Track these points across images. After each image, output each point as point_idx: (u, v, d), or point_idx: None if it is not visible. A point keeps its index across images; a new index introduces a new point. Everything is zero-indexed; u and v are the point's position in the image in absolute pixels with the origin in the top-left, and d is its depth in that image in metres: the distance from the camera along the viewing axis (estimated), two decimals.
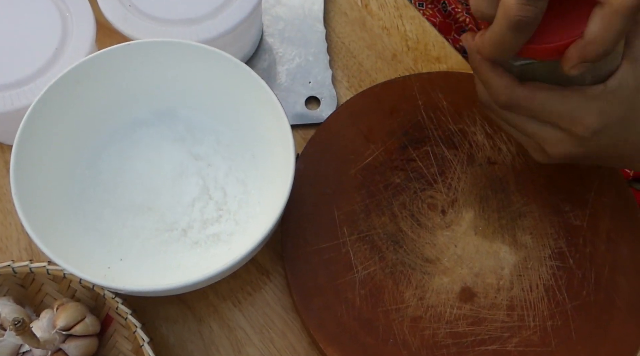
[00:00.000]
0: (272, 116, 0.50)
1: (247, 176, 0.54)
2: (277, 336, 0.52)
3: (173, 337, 0.52)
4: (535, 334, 0.49)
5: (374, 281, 0.51)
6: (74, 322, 0.47)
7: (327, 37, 0.64)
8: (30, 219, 0.45)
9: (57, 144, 0.51)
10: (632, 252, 0.51)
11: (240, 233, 0.52)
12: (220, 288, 0.53)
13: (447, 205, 0.54)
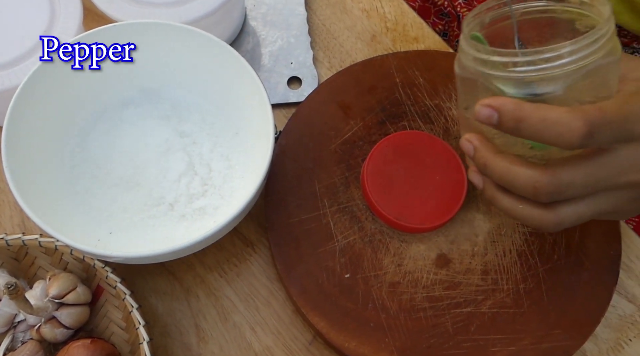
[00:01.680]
0: (254, 94, 0.52)
1: (231, 152, 0.56)
2: (262, 304, 0.54)
3: (162, 306, 0.54)
4: (509, 296, 0.51)
5: (354, 250, 0.53)
6: (66, 291, 0.49)
7: (309, 19, 0.66)
8: (23, 194, 0.46)
9: (47, 123, 0.53)
10: None
11: (225, 206, 0.54)
12: (206, 260, 0.55)
13: None
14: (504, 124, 0.36)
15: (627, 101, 0.36)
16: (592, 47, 0.35)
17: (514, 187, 0.38)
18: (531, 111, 0.35)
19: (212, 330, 0.53)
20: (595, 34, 0.35)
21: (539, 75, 0.36)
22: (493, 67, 0.37)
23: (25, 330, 0.50)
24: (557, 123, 0.34)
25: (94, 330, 0.52)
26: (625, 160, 0.36)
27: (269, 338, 0.53)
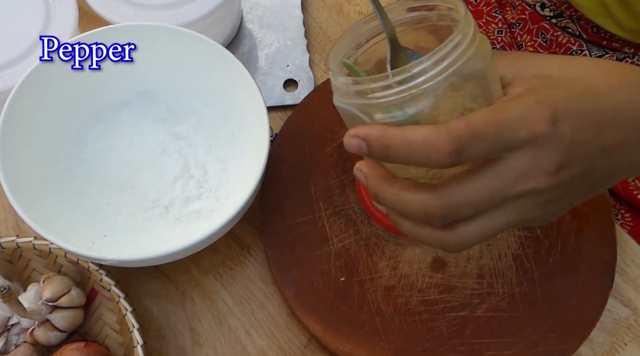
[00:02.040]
0: (249, 97, 0.52)
1: (227, 155, 0.56)
2: (257, 307, 0.54)
3: (156, 309, 0.53)
4: (504, 300, 0.51)
5: (349, 253, 0.53)
6: (60, 294, 0.49)
7: (305, 22, 0.66)
8: (17, 197, 0.46)
9: (42, 124, 0.53)
10: (596, 220, 0.54)
11: (220, 209, 0.54)
12: (202, 263, 0.55)
13: None
14: (373, 153, 0.34)
15: (503, 108, 0.33)
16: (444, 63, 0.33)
17: (407, 214, 0.36)
18: (396, 136, 0.33)
19: (207, 333, 0.53)
20: (442, 51, 0.33)
21: (399, 98, 0.33)
22: (354, 96, 0.35)
23: (19, 333, 0.50)
24: (423, 144, 0.32)
25: (88, 333, 0.52)
26: (515, 168, 0.33)
27: (264, 341, 0.53)
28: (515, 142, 0.33)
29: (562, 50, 0.65)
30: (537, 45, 0.67)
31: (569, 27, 0.65)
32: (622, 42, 0.62)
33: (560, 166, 0.34)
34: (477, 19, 0.73)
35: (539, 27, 0.67)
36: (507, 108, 0.33)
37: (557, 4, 0.65)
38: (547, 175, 0.34)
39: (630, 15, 0.56)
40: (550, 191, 0.34)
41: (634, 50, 0.62)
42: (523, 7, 0.69)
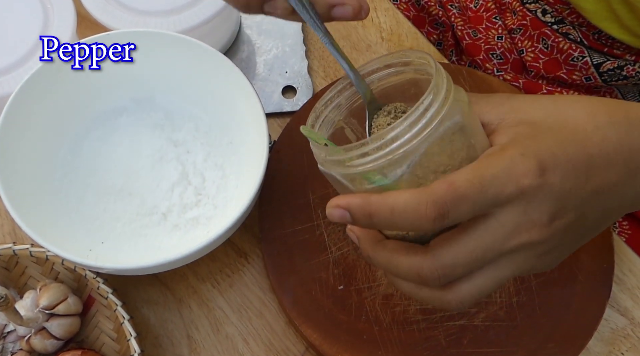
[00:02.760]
0: (248, 103, 0.52)
1: (225, 161, 0.56)
2: (255, 315, 0.54)
3: (154, 317, 0.53)
4: (502, 309, 0.51)
5: (347, 261, 0.53)
6: (56, 302, 0.48)
7: (304, 28, 0.66)
8: (14, 203, 0.46)
9: (39, 131, 0.53)
10: None
11: (218, 216, 0.54)
12: (199, 270, 0.55)
13: None
14: (357, 222, 0.33)
15: (487, 164, 0.32)
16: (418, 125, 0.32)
17: (401, 277, 0.35)
18: (378, 204, 0.32)
19: (204, 341, 0.53)
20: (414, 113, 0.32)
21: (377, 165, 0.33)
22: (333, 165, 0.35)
23: (15, 340, 0.50)
24: (406, 211, 0.31)
25: (84, 341, 0.51)
26: (506, 223, 0.33)
27: (261, 349, 0.52)
28: (503, 198, 0.32)
29: (563, 56, 0.65)
30: (537, 51, 0.67)
31: (570, 34, 0.65)
32: (624, 48, 0.62)
33: (553, 216, 0.33)
34: (477, 25, 0.73)
35: (540, 33, 0.67)
36: (491, 164, 0.32)
37: (559, 10, 0.65)
38: (541, 227, 0.33)
39: (637, 20, 0.56)
40: (545, 242, 0.34)
41: (635, 57, 0.62)
42: (524, 13, 0.69)
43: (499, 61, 0.70)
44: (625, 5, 0.56)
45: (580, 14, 0.62)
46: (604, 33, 0.62)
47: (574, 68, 0.65)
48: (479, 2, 0.74)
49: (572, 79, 0.66)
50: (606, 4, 0.58)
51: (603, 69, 0.63)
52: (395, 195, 0.32)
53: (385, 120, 0.39)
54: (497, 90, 0.60)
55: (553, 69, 0.66)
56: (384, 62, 0.39)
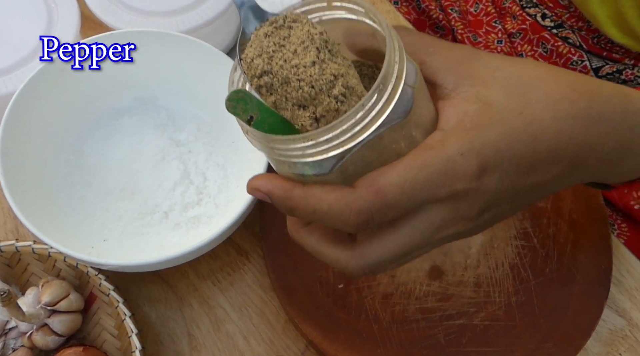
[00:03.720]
0: None
1: (227, 161, 0.56)
2: (255, 314, 0.54)
3: (155, 315, 0.54)
4: (500, 309, 0.52)
5: None
6: (58, 298, 0.49)
7: None
8: (17, 201, 0.47)
9: (43, 129, 0.53)
10: (593, 231, 0.54)
11: (220, 215, 0.54)
12: (200, 269, 0.55)
13: None
14: (279, 208, 0.32)
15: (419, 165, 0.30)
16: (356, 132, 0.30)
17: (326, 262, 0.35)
18: (300, 200, 0.31)
19: (205, 339, 0.53)
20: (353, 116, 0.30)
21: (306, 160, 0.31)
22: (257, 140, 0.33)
23: (17, 337, 0.50)
24: (328, 214, 0.30)
25: (86, 338, 0.52)
26: (435, 221, 0.32)
27: (262, 347, 0.53)
28: (433, 199, 0.31)
29: (562, 60, 0.66)
30: (537, 55, 0.68)
31: (569, 38, 0.65)
32: (623, 53, 0.62)
33: (483, 211, 0.33)
34: (477, 29, 0.74)
35: (539, 37, 0.67)
36: (426, 164, 0.30)
37: (558, 15, 0.66)
38: (469, 220, 0.32)
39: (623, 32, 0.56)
40: (471, 230, 0.34)
41: (633, 61, 0.62)
42: (524, 18, 0.69)
43: None
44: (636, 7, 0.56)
45: (580, 18, 0.63)
46: (604, 37, 0.62)
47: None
48: (479, 6, 0.75)
49: None
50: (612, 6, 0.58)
51: (602, 73, 0.64)
52: (318, 196, 0.31)
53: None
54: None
55: None
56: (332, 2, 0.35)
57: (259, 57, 0.33)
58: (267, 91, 0.33)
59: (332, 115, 0.32)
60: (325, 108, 0.32)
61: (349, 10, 0.34)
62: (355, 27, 0.35)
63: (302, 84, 0.32)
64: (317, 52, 0.32)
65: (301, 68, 0.32)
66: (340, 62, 0.33)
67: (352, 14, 0.34)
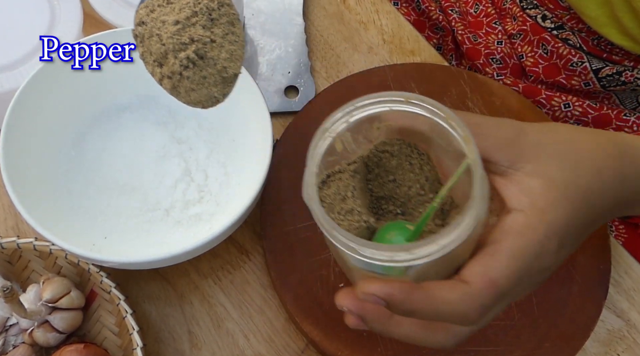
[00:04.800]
0: (252, 102, 0.53)
1: (228, 159, 0.56)
2: (256, 312, 0.54)
3: (155, 312, 0.54)
4: None
5: None
6: (59, 295, 0.49)
7: (306, 29, 0.67)
8: (20, 197, 0.47)
9: (44, 126, 0.53)
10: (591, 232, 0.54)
11: (221, 213, 0.54)
12: (201, 267, 0.55)
13: None
14: (394, 311, 0.33)
15: (519, 255, 0.34)
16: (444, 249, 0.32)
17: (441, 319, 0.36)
18: (422, 302, 0.33)
19: (205, 337, 0.53)
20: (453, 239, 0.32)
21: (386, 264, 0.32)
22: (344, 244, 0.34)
23: (17, 333, 0.50)
24: (452, 314, 0.33)
25: (86, 335, 0.52)
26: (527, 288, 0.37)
27: (262, 345, 0.53)
28: (526, 282, 0.35)
29: (562, 61, 0.66)
30: (537, 56, 0.68)
31: (569, 39, 0.66)
32: (622, 54, 0.63)
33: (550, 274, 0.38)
34: (477, 30, 0.74)
35: (539, 38, 0.68)
36: (524, 252, 0.34)
37: (559, 16, 0.66)
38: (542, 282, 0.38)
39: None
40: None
41: (633, 63, 0.63)
42: (524, 19, 0.69)
43: (499, 66, 0.71)
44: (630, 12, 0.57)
45: (580, 19, 0.63)
46: (604, 39, 0.62)
47: (573, 73, 0.66)
48: (479, 7, 0.75)
49: (571, 84, 0.66)
50: (609, 9, 0.59)
51: (602, 75, 0.64)
52: (440, 297, 0.33)
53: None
54: (497, 93, 0.61)
55: (552, 74, 0.67)
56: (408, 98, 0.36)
57: (145, 8, 0.34)
58: (140, 42, 0.34)
59: (176, 78, 0.32)
60: (170, 68, 0.32)
61: (428, 111, 0.36)
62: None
63: (157, 39, 0.32)
64: (191, 15, 0.32)
65: (166, 25, 0.32)
66: (217, 33, 0.33)
67: (431, 115, 0.36)
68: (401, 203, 0.40)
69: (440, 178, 0.39)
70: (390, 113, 0.37)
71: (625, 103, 0.67)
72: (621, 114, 0.64)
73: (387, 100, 0.36)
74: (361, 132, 0.38)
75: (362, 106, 0.37)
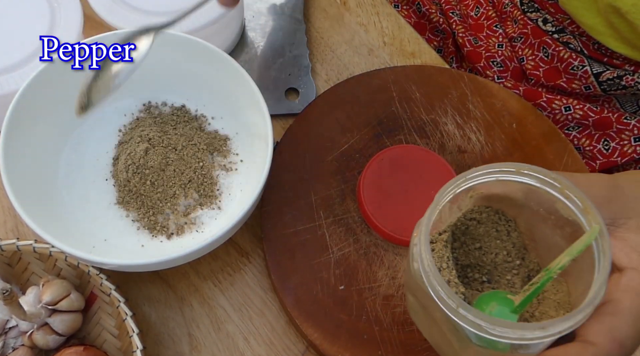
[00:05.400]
0: (253, 105, 0.53)
1: (229, 162, 0.56)
2: (256, 314, 0.54)
3: (155, 315, 0.53)
4: None
5: (348, 262, 0.53)
6: (59, 297, 0.49)
7: (307, 32, 0.67)
8: (20, 200, 0.46)
9: (44, 128, 0.53)
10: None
11: (222, 216, 0.54)
12: (201, 269, 0.55)
13: None
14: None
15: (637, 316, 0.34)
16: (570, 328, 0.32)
17: None
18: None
19: (205, 339, 0.53)
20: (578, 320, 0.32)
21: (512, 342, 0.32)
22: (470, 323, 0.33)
23: (17, 336, 0.50)
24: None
25: (86, 338, 0.52)
26: None
27: (262, 348, 0.53)
28: None
29: (563, 65, 0.66)
30: (538, 59, 0.68)
31: (570, 43, 0.66)
32: (623, 59, 0.63)
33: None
34: (478, 32, 0.74)
35: (540, 41, 0.68)
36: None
37: (560, 20, 0.66)
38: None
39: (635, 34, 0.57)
40: None
41: (634, 68, 0.63)
42: (525, 22, 0.69)
43: (499, 69, 0.71)
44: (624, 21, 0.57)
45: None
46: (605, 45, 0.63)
47: (573, 77, 0.66)
48: (480, 10, 0.75)
49: (572, 88, 0.66)
50: (604, 19, 0.59)
51: (602, 79, 0.64)
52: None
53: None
54: (498, 96, 0.61)
55: (553, 78, 0.67)
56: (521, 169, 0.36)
57: None
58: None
59: None
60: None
61: (542, 182, 0.36)
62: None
63: None
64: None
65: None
66: None
67: (546, 186, 0.36)
68: (487, 271, 0.40)
69: (526, 245, 0.40)
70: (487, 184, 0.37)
71: (625, 107, 0.67)
72: (622, 118, 0.64)
73: (497, 170, 0.36)
74: (457, 202, 0.38)
75: (474, 177, 0.37)
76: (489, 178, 0.36)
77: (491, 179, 0.36)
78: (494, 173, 0.36)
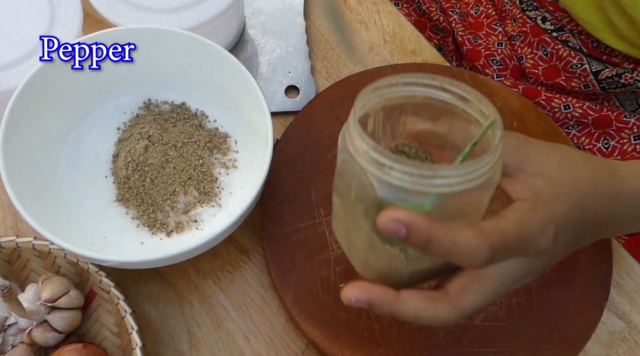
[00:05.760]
0: (253, 103, 0.52)
1: (229, 159, 0.56)
2: (256, 312, 0.54)
3: (154, 312, 0.53)
4: (501, 310, 0.52)
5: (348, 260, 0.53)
6: (58, 295, 0.48)
7: (307, 29, 0.67)
8: (19, 197, 0.46)
9: (44, 125, 0.53)
10: None
11: (221, 214, 0.54)
12: (201, 267, 0.55)
13: None
14: (411, 240, 0.35)
15: (525, 222, 0.38)
16: (471, 178, 0.34)
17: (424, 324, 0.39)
18: (442, 233, 0.35)
19: (205, 337, 0.53)
20: (477, 167, 0.34)
21: (413, 187, 0.34)
22: (371, 162, 0.35)
23: (16, 333, 0.49)
24: (465, 247, 0.35)
25: (85, 335, 0.51)
26: (516, 273, 0.39)
27: (262, 346, 0.53)
28: (527, 252, 0.38)
29: (562, 63, 0.66)
30: (537, 58, 0.68)
31: (569, 41, 0.66)
32: (622, 57, 0.63)
33: (546, 265, 0.41)
34: (478, 31, 0.74)
35: (539, 40, 0.68)
36: (530, 225, 0.38)
37: (559, 18, 0.66)
38: (536, 274, 0.41)
39: (635, 31, 0.57)
40: (532, 278, 0.42)
41: (633, 66, 0.63)
42: (524, 20, 0.69)
43: (499, 67, 0.71)
44: (623, 16, 0.57)
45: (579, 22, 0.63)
46: (602, 42, 0.62)
47: (572, 75, 0.66)
48: (480, 8, 0.75)
49: (571, 86, 0.66)
50: (603, 15, 0.59)
51: (601, 77, 0.64)
52: (456, 230, 0.35)
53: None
54: (499, 94, 0.61)
55: (552, 76, 0.67)
56: (444, 84, 0.39)
57: None
58: None
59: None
60: None
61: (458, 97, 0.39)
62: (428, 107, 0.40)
63: None
64: None
65: None
66: None
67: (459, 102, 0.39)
68: None
69: None
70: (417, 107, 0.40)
71: (625, 105, 0.67)
72: (621, 116, 0.64)
73: (423, 82, 0.39)
74: (390, 121, 0.41)
75: (403, 83, 0.39)
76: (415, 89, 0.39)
77: (418, 92, 0.39)
78: (420, 84, 0.39)
